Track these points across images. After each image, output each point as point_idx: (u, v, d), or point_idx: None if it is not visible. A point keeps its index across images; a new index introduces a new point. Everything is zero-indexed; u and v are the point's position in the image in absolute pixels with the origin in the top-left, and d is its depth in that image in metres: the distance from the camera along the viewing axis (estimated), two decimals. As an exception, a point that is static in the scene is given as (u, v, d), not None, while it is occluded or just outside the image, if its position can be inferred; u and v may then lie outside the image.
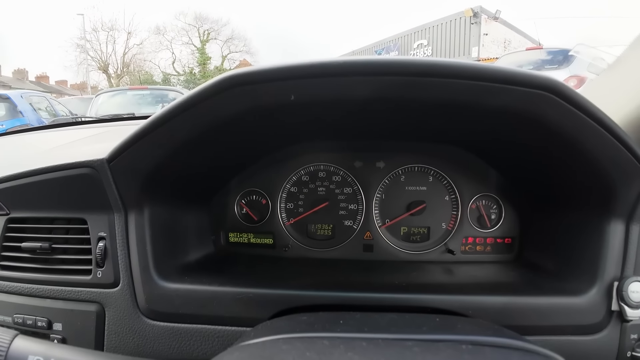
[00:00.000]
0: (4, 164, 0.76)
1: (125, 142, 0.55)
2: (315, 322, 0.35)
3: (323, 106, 0.51)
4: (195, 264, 0.68)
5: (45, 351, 0.28)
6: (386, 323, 0.35)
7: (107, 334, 0.58)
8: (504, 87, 0.45)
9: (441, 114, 0.55)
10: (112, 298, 0.59)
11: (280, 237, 0.82)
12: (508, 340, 0.32)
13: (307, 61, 0.44)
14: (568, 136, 0.49)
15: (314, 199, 0.81)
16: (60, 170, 0.60)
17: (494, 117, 0.53)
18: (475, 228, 0.78)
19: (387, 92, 0.46)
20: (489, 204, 0.78)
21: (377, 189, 0.80)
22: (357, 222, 0.80)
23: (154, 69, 26.89)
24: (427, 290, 0.55)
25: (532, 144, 0.58)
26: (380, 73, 0.44)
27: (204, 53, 26.46)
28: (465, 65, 0.44)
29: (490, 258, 0.77)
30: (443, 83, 0.45)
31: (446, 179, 0.78)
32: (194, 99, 0.48)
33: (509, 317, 0.53)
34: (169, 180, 0.62)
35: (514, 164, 0.71)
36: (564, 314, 0.53)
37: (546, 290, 0.55)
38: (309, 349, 0.26)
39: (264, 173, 0.81)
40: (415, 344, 0.27)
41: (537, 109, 0.47)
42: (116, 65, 24.71)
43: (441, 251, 0.78)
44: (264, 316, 0.54)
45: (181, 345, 0.56)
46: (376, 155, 0.80)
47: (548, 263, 0.66)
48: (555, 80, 0.46)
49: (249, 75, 0.45)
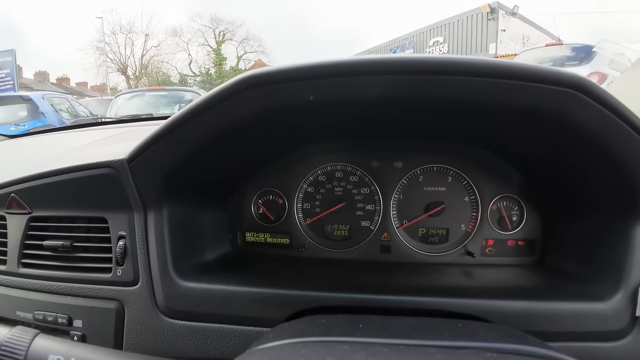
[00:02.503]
0: (26, 164, 0.78)
1: (145, 143, 0.55)
2: (335, 326, 0.34)
3: (341, 106, 0.50)
4: (212, 263, 0.69)
5: (65, 350, 0.29)
6: (407, 328, 0.34)
7: (127, 332, 0.59)
8: (527, 84, 0.44)
9: (461, 113, 0.54)
10: (132, 296, 0.60)
11: (296, 237, 0.81)
12: (533, 348, 0.31)
13: (325, 60, 0.43)
14: (595, 137, 0.47)
15: (331, 199, 0.81)
16: (82, 171, 0.62)
17: (516, 116, 0.51)
18: (496, 230, 0.76)
19: (407, 90, 0.45)
20: (510, 205, 0.76)
21: (395, 189, 0.79)
22: (375, 223, 0.79)
23: (171, 70, 27.41)
24: (446, 294, 0.54)
25: (557, 144, 0.55)
26: (401, 71, 0.43)
27: (219, 54, 26.80)
28: (486, 62, 0.42)
29: (511, 261, 0.75)
30: (463, 81, 0.43)
31: (466, 179, 0.76)
32: (212, 100, 0.48)
33: (530, 322, 0.51)
34: (188, 180, 0.62)
35: (537, 164, 0.69)
36: (587, 319, 0.51)
37: (569, 295, 0.53)
38: (329, 354, 0.26)
39: (280, 173, 0.81)
40: (438, 351, 0.26)
41: (562, 108, 0.45)
42: (134, 67, 25.29)
43: (460, 253, 0.76)
44: (281, 317, 0.54)
45: (199, 344, 0.56)
46: (394, 155, 0.79)
47: (571, 267, 0.63)
48: (583, 78, 0.44)
49: (267, 76, 0.45)
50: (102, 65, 23.67)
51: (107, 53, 23.70)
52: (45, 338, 0.30)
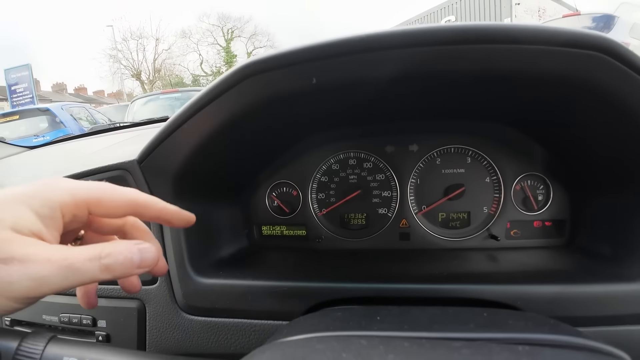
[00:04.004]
0: (46, 172, 0.80)
1: (152, 142, 0.55)
2: (351, 319, 0.33)
3: (348, 88, 0.48)
4: (229, 259, 0.69)
5: (79, 352, 0.29)
6: (428, 319, 0.32)
7: (149, 329, 0.60)
8: (544, 48, 0.40)
9: (479, 87, 0.50)
10: (152, 295, 0.60)
11: (313, 228, 0.80)
12: (568, 338, 0.28)
13: (326, 39, 0.41)
14: (624, 104, 0.43)
15: (346, 188, 0.79)
16: (96, 174, 0.62)
17: (538, 85, 0.47)
18: (521, 211, 0.72)
19: (420, 65, 0.42)
20: (535, 184, 0.72)
21: (411, 174, 0.76)
22: (392, 210, 0.77)
23: (184, 71, 27.83)
24: (469, 280, 0.52)
25: (582, 114, 0.51)
26: (414, 44, 0.40)
27: (229, 51, 26.96)
28: (506, 27, 0.39)
29: (539, 243, 0.71)
30: (483, 50, 0.40)
31: (486, 159, 0.73)
32: (211, 93, 0.47)
33: (562, 307, 0.48)
34: (199, 176, 0.62)
35: (561, 138, 0.64)
36: (623, 301, 0.47)
37: (602, 277, 0.50)
38: (345, 349, 0.24)
39: (293, 164, 0.80)
40: (464, 345, 0.24)
41: (585, 73, 0.41)
42: (148, 72, 25.79)
43: (483, 237, 0.73)
44: (300, 309, 0.53)
45: (219, 339, 0.56)
46: (408, 138, 0.76)
47: (603, 247, 0.59)
48: (607, 38, 0.39)
49: (266, 62, 0.43)
50: (117, 72, 24.27)
51: (120, 60, 24.28)
52: (59, 341, 0.30)
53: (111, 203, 0.32)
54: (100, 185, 0.32)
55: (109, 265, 0.28)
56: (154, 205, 0.36)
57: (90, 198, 0.31)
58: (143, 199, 0.35)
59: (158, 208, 0.36)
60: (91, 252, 0.27)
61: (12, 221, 0.26)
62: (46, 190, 0.29)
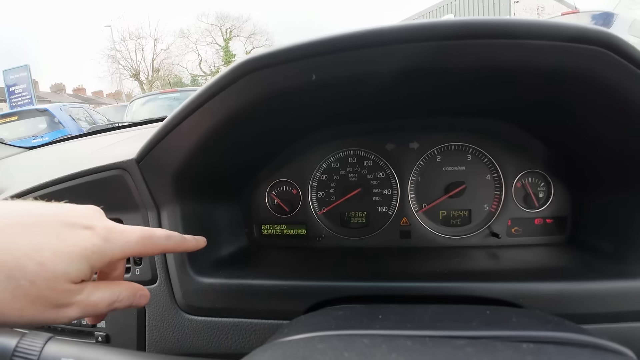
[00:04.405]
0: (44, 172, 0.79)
1: (150, 141, 0.54)
2: (353, 317, 0.32)
3: (349, 85, 0.48)
4: (229, 258, 0.68)
5: (77, 353, 0.29)
6: (430, 317, 0.32)
7: (149, 330, 0.59)
8: (546, 44, 0.39)
9: (479, 83, 0.50)
10: (151, 294, 0.59)
11: (313, 227, 0.80)
12: (572, 335, 0.28)
13: (327, 35, 0.40)
14: (626, 100, 0.43)
15: (346, 186, 0.78)
16: (94, 174, 0.62)
17: (539, 81, 0.47)
18: (522, 208, 0.72)
19: (422, 61, 0.41)
20: (536, 181, 0.71)
21: (411, 171, 0.75)
22: (393, 208, 0.77)
23: (182, 71, 27.79)
24: (471, 278, 0.51)
25: (583, 110, 0.51)
26: (416, 39, 0.39)
27: (228, 51, 26.93)
28: (508, 21, 0.38)
29: (540, 240, 0.71)
30: (484, 45, 0.39)
31: (486, 156, 0.72)
32: (210, 91, 0.46)
33: (564, 304, 0.47)
34: (198, 175, 0.61)
35: (562, 134, 0.64)
36: (624, 298, 0.47)
37: (605, 274, 0.50)
38: (347, 348, 0.24)
39: (292, 162, 0.80)
40: (467, 343, 0.24)
41: (587, 69, 0.41)
42: (147, 72, 25.75)
43: (485, 235, 0.73)
44: (301, 309, 0.52)
45: (219, 339, 0.56)
46: (409, 135, 0.75)
47: (605, 244, 0.59)
48: (609, 33, 0.39)
49: (264, 58, 0.43)
50: (115, 72, 24.23)
51: (118, 60, 24.24)
52: (57, 341, 0.30)
53: (147, 254, 0.39)
54: (142, 239, 0.38)
55: (117, 307, 0.36)
56: (175, 249, 0.44)
57: (134, 254, 0.37)
58: (169, 248, 0.42)
59: (180, 249, 0.45)
60: (110, 298, 0.35)
61: (74, 275, 0.31)
62: (106, 248, 0.34)
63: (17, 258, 0.29)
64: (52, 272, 0.30)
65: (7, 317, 0.29)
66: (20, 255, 0.29)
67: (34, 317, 0.30)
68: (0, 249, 0.28)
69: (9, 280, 0.28)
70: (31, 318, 0.29)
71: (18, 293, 0.28)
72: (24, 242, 0.30)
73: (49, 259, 0.30)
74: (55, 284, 0.30)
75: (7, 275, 0.28)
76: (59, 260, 0.30)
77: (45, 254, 0.30)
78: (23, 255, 0.29)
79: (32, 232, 0.30)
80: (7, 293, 0.28)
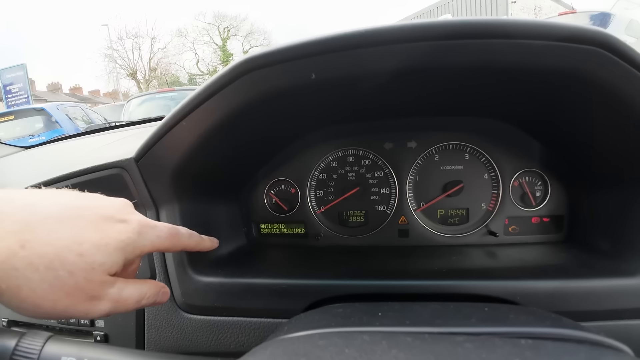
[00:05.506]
0: (41, 171, 0.79)
1: (149, 140, 0.54)
2: (353, 315, 0.33)
3: (347, 84, 0.48)
4: (228, 257, 0.68)
5: (78, 352, 0.29)
6: (429, 315, 0.32)
7: (147, 329, 0.59)
8: (543, 43, 0.40)
9: (476, 83, 0.50)
10: (150, 294, 0.60)
11: (311, 225, 0.80)
12: (570, 331, 0.28)
13: (326, 34, 0.41)
14: (622, 100, 0.43)
15: (344, 185, 0.79)
16: (93, 173, 0.61)
17: (534, 82, 0.47)
18: (519, 207, 0.72)
19: (420, 61, 0.42)
20: (533, 180, 0.72)
21: (409, 170, 0.76)
22: (391, 207, 0.77)
23: (180, 70, 27.70)
24: (469, 276, 0.52)
25: (579, 109, 0.51)
26: (415, 38, 0.39)
27: (225, 50, 26.86)
28: (506, 21, 0.39)
29: (537, 239, 0.71)
30: (481, 44, 0.40)
31: (484, 155, 0.73)
32: (210, 90, 0.46)
33: (561, 302, 0.48)
34: (197, 174, 0.61)
35: (559, 134, 0.65)
36: (621, 296, 0.47)
37: (601, 272, 0.50)
38: (348, 345, 0.24)
39: (291, 161, 0.80)
40: (466, 340, 0.24)
41: (584, 69, 0.41)
42: (144, 71, 25.64)
43: (482, 233, 0.73)
44: (300, 307, 0.53)
45: (219, 337, 0.56)
46: (407, 135, 0.76)
47: (602, 242, 0.60)
48: (606, 33, 0.39)
49: (263, 57, 0.43)
50: (112, 71, 24.10)
51: (115, 59, 24.12)
52: (57, 340, 0.30)
53: (171, 250, 0.41)
54: (170, 235, 0.39)
55: (143, 304, 0.37)
56: (194, 247, 0.46)
57: (162, 249, 0.39)
58: (190, 246, 0.45)
59: (198, 248, 0.47)
60: (139, 295, 0.36)
61: (109, 266, 0.32)
62: (139, 241, 0.35)
63: (57, 249, 0.29)
64: (90, 263, 0.31)
65: (41, 307, 0.29)
66: (61, 247, 0.29)
67: (67, 308, 0.30)
68: (41, 241, 0.29)
69: (47, 271, 0.28)
70: (64, 309, 0.30)
71: (56, 284, 0.29)
72: (66, 235, 0.30)
73: (89, 250, 0.31)
74: (92, 275, 0.31)
75: (46, 266, 0.28)
76: (98, 251, 0.31)
77: (86, 246, 0.31)
78: (64, 246, 0.30)
79: (74, 225, 0.31)
80: (45, 284, 0.28)
